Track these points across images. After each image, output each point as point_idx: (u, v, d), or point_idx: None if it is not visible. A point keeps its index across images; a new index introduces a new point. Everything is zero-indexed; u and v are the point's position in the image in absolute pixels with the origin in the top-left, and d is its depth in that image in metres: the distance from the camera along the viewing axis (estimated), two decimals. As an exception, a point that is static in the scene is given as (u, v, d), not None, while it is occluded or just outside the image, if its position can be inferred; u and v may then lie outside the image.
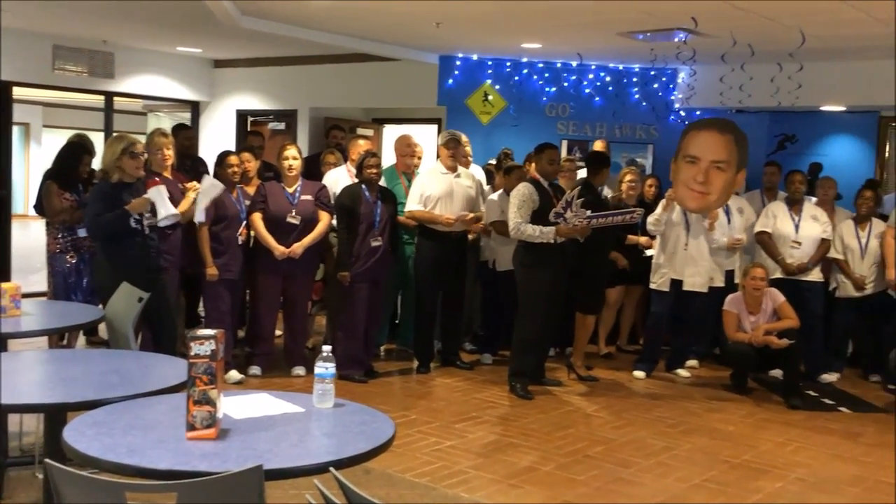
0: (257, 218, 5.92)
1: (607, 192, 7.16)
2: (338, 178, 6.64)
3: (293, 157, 6.03)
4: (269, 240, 5.87)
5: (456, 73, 8.49)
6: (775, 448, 5.07)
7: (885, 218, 6.93)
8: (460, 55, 8.43)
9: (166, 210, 5.06)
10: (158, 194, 5.01)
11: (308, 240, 5.93)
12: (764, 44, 6.71)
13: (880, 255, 6.73)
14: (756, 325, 6.23)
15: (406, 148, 6.97)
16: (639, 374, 6.69)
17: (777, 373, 6.47)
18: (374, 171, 6.07)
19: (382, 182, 6.34)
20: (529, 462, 4.60)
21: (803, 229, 6.75)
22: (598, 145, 7.89)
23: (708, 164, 4.52)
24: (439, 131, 9.10)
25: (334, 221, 6.16)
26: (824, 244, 6.73)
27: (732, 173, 4.55)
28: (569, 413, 5.65)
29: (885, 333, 6.77)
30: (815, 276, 6.75)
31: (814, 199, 7.10)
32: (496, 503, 3.99)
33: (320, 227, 6.01)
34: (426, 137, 9.00)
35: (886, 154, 8.20)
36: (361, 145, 6.85)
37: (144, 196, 4.95)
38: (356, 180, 6.20)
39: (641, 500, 4.14)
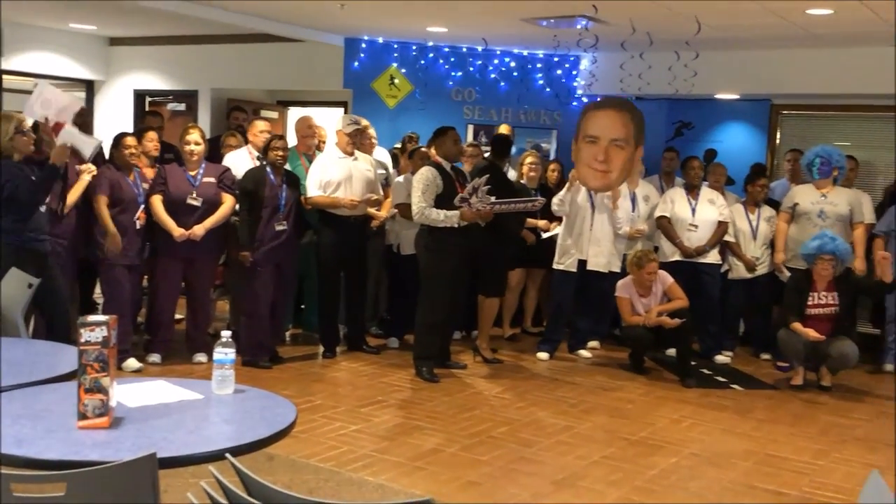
0: (156, 200, 5.76)
1: (512, 175, 7.24)
2: (237, 161, 6.50)
3: (196, 142, 5.89)
4: (168, 222, 5.72)
5: (362, 55, 8.43)
6: (670, 425, 5.25)
7: (773, 203, 7.24)
8: (366, 38, 8.37)
9: (87, 143, 4.89)
10: (70, 135, 4.82)
11: (209, 222, 5.80)
12: (662, 32, 6.89)
13: (770, 238, 7.04)
14: (648, 308, 6.43)
15: (307, 129, 6.92)
16: (542, 355, 6.81)
17: (673, 352, 6.69)
18: (280, 153, 5.98)
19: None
20: (434, 444, 4.64)
21: (700, 213, 6.98)
22: (503, 129, 7.97)
23: (607, 143, 4.62)
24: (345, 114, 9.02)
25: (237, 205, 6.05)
26: (721, 227, 6.97)
27: (632, 150, 4.67)
28: (473, 395, 5.71)
29: (775, 313, 7.08)
30: (713, 258, 7.00)
31: (706, 184, 7.35)
32: (400, 485, 4.01)
33: (223, 210, 5.89)
34: (332, 120, 8.90)
35: (777, 141, 8.54)
36: (259, 126, 6.72)
37: (59, 144, 4.77)
38: (257, 162, 6.10)
39: (543, 478, 4.22)
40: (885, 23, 6.32)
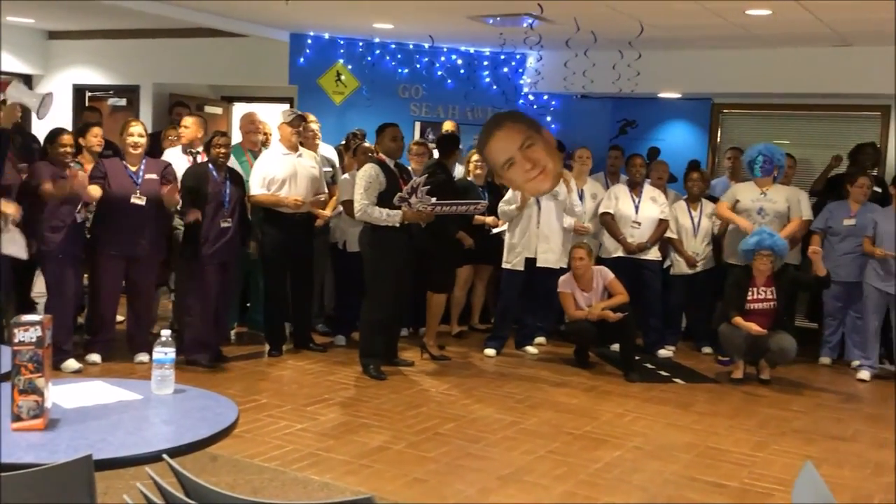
0: (95, 189, 5.62)
1: (459, 172, 7.26)
2: (173, 158, 6.38)
3: (139, 135, 5.79)
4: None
5: (307, 51, 8.36)
6: (614, 419, 5.32)
7: (714, 199, 7.38)
8: (311, 33, 8.31)
9: (35, 98, 4.75)
10: (17, 91, 4.66)
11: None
12: (606, 32, 6.96)
13: (711, 234, 7.18)
14: (590, 302, 6.51)
15: (250, 125, 6.86)
16: (489, 352, 6.84)
17: (617, 347, 6.77)
18: (223, 150, 5.91)
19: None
20: (381, 442, 4.63)
21: (643, 210, 7.08)
22: (448, 126, 7.97)
23: (520, 155, 4.65)
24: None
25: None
26: (662, 224, 7.09)
27: (540, 137, 4.71)
28: (421, 392, 5.71)
29: (715, 308, 7.21)
30: (654, 255, 7.10)
31: (649, 182, 7.46)
32: (346, 484, 4.00)
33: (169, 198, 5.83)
34: (278, 116, 8.82)
35: (718, 139, 8.71)
36: (187, 122, 6.59)
37: (7, 104, 4.61)
38: (189, 158, 6.03)
39: (489, 474, 4.24)
40: (822, 23, 6.48)
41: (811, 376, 6.72)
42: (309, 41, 8.35)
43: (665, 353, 7.11)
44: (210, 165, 5.89)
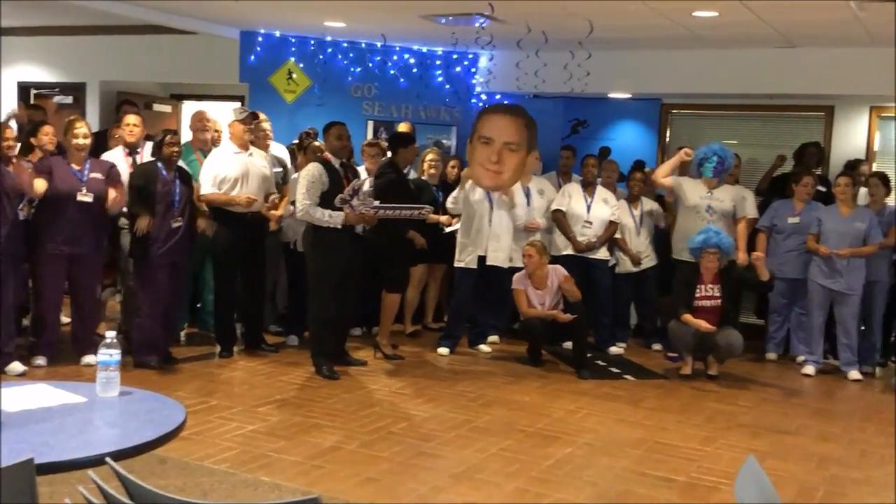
0: (40, 183, 5.50)
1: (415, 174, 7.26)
2: (113, 158, 6.25)
3: (84, 135, 5.69)
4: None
5: (258, 49, 8.28)
6: (566, 416, 5.37)
7: (659, 198, 7.49)
8: (262, 31, 8.23)
9: None
10: None
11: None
12: (557, 32, 7.01)
13: (656, 230, 7.28)
14: (543, 300, 6.56)
15: (198, 123, 6.79)
16: (443, 350, 6.85)
17: (569, 345, 6.84)
18: (176, 149, 5.84)
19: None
20: (333, 442, 4.61)
21: (595, 211, 7.15)
22: (403, 127, 7.97)
23: (501, 146, 4.70)
24: (242, 109, 8.85)
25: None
26: (612, 225, 7.17)
27: (523, 154, 4.77)
28: (374, 392, 5.70)
29: (664, 304, 7.32)
30: (603, 254, 7.18)
31: (600, 181, 7.53)
32: (297, 485, 3.97)
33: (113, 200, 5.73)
34: (229, 114, 8.74)
35: (667, 139, 8.83)
36: (129, 120, 6.48)
37: None
38: (129, 159, 5.95)
39: (441, 472, 4.25)
40: (766, 25, 6.60)
41: (758, 372, 6.86)
42: (260, 39, 8.27)
43: (616, 350, 7.20)
44: (159, 164, 5.81)
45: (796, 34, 7.03)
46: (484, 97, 8.84)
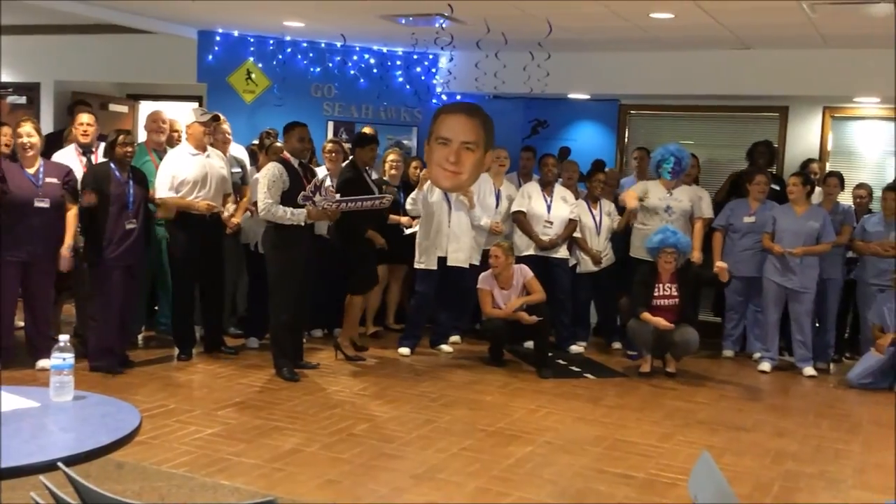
0: None
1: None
2: (65, 159, 6.15)
3: (28, 135, 5.59)
4: None
5: (216, 49, 8.20)
6: (527, 415, 5.40)
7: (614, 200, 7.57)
8: (220, 31, 8.15)
9: None
10: None
11: (70, 239, 5.65)
12: (516, 33, 7.05)
13: (612, 231, 7.38)
14: (509, 300, 6.60)
15: (153, 124, 6.72)
16: (404, 351, 6.85)
17: (530, 345, 6.88)
18: (130, 149, 5.76)
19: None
20: (293, 444, 4.59)
21: (555, 210, 7.19)
22: (367, 130, 7.90)
23: (458, 146, 4.70)
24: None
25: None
26: (572, 224, 7.22)
27: (481, 154, 4.77)
28: (335, 393, 5.68)
29: (622, 303, 7.39)
30: (563, 253, 7.23)
31: (560, 181, 7.58)
32: (257, 488, 3.94)
33: (70, 221, 5.66)
34: (188, 115, 8.64)
35: (626, 139, 8.92)
36: (82, 119, 6.39)
37: None
38: (83, 159, 5.87)
39: (402, 473, 4.25)
40: (722, 27, 6.70)
41: (715, 369, 6.95)
42: (218, 38, 8.19)
43: (577, 348, 7.25)
44: (112, 165, 5.73)
45: (751, 36, 7.14)
46: (444, 97, 8.85)
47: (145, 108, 9.69)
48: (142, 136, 7.33)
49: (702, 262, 7.00)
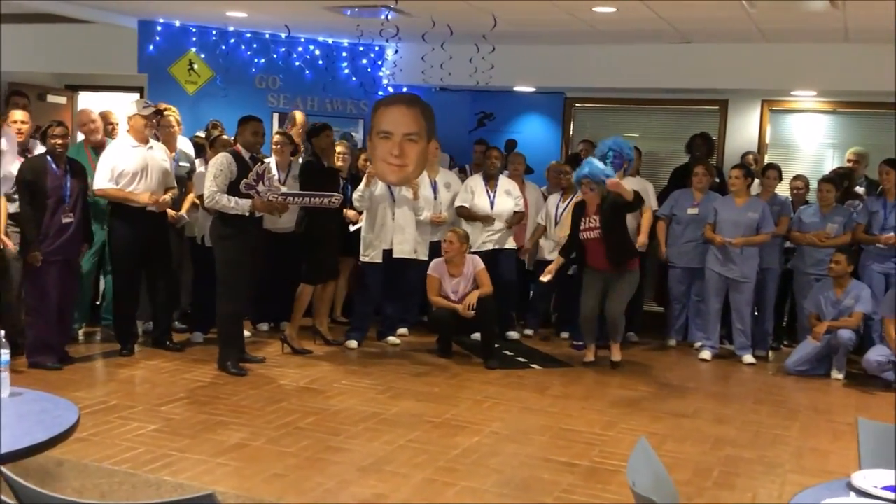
0: None
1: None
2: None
3: None
4: None
5: (157, 39, 8.06)
6: (474, 405, 5.43)
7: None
8: (161, 20, 8.01)
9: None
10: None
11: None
12: (462, 25, 7.06)
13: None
14: (457, 289, 6.62)
15: (83, 125, 6.62)
16: (351, 343, 6.83)
17: (478, 336, 6.90)
18: (60, 141, 5.63)
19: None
20: (238, 439, 4.55)
21: (498, 204, 7.22)
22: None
23: (401, 138, 4.71)
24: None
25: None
26: (516, 216, 7.27)
27: (424, 144, 4.78)
28: (281, 387, 5.65)
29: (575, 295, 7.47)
30: (510, 244, 7.28)
31: (507, 173, 7.63)
32: (202, 483, 3.91)
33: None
34: (130, 106, 8.48)
35: (571, 132, 9.01)
36: (15, 116, 6.25)
37: None
38: (3, 149, 5.76)
39: (349, 466, 4.25)
40: (664, 21, 6.80)
41: (658, 358, 7.07)
42: (159, 28, 8.05)
43: (513, 334, 7.32)
44: (49, 158, 5.61)
45: (692, 30, 7.26)
46: (391, 90, 8.83)
47: (84, 99, 9.48)
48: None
49: (646, 248, 7.12)
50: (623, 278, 6.49)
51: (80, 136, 6.84)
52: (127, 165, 6.00)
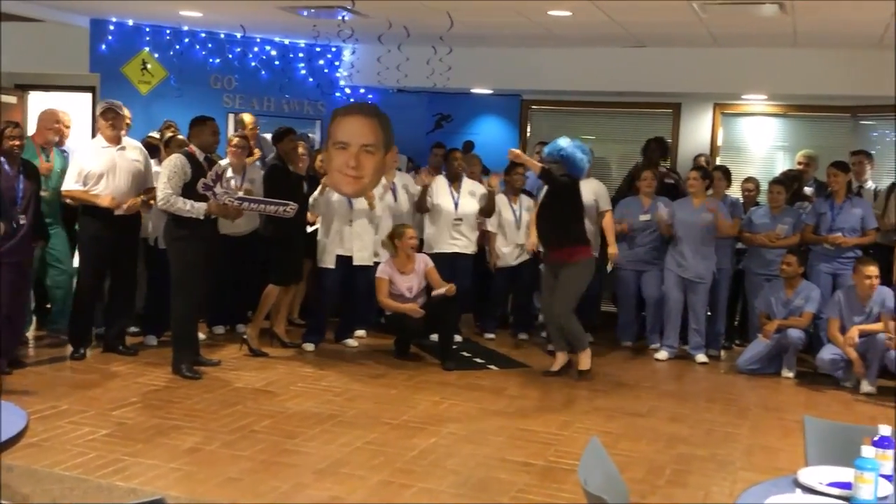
0: None
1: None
2: None
3: None
4: None
5: (110, 38, 7.96)
6: (431, 407, 5.44)
7: (528, 193, 7.68)
8: (114, 19, 7.91)
9: None
10: None
11: None
12: (418, 27, 7.08)
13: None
14: (410, 285, 6.64)
15: (50, 123, 6.50)
16: (308, 346, 6.80)
17: (436, 338, 6.91)
18: (18, 142, 5.55)
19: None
20: (193, 443, 4.50)
21: (462, 206, 7.22)
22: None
23: (358, 149, 4.69)
24: (93, 100, 8.49)
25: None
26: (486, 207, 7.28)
27: (381, 155, 4.77)
28: (236, 390, 5.60)
29: (535, 297, 7.53)
30: (471, 248, 7.27)
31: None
32: (154, 488, 3.86)
33: None
34: (79, 106, 8.36)
35: (528, 134, 9.07)
36: None
37: None
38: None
39: (304, 469, 4.23)
40: (617, 25, 6.88)
41: (614, 358, 7.14)
42: (111, 28, 7.95)
43: (458, 337, 7.34)
44: (2, 158, 5.50)
45: (645, 34, 7.36)
46: (348, 91, 8.82)
47: (35, 98, 9.30)
48: (31, 129, 7.03)
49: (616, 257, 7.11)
50: (568, 270, 6.19)
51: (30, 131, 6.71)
52: (94, 166, 5.95)
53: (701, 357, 7.06)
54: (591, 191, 7.14)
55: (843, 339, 6.27)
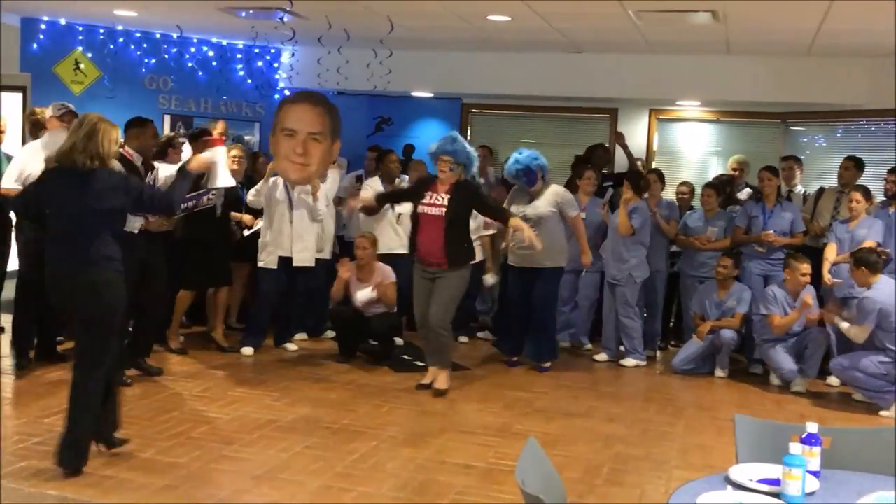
0: None
1: None
2: None
3: None
4: None
5: (41, 37, 7.77)
6: (372, 410, 5.43)
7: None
8: (45, 18, 7.72)
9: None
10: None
11: None
12: (359, 30, 7.07)
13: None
14: (365, 292, 6.63)
15: None
16: (247, 350, 6.72)
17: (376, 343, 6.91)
18: None
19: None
20: (127, 450, 4.41)
21: (400, 208, 7.22)
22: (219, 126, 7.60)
23: (305, 136, 4.67)
24: (24, 100, 8.27)
25: None
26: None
27: (328, 143, 4.76)
28: (172, 396, 5.51)
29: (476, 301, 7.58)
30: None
31: (406, 178, 7.65)
32: (87, 497, 3.78)
33: None
34: (9, 106, 8.12)
35: (468, 137, 9.10)
36: None
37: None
38: None
39: (242, 475, 4.18)
40: (556, 31, 6.97)
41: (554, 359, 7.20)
42: (43, 26, 7.76)
43: (399, 340, 7.34)
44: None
45: (582, 40, 7.46)
46: (287, 93, 8.75)
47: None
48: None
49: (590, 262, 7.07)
50: (451, 276, 5.79)
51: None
52: (34, 169, 5.76)
53: (629, 361, 7.07)
54: (548, 203, 6.68)
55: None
